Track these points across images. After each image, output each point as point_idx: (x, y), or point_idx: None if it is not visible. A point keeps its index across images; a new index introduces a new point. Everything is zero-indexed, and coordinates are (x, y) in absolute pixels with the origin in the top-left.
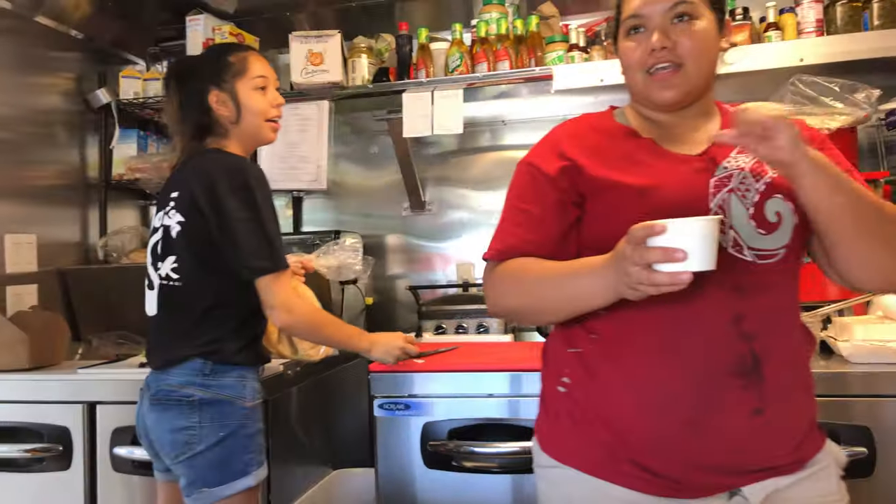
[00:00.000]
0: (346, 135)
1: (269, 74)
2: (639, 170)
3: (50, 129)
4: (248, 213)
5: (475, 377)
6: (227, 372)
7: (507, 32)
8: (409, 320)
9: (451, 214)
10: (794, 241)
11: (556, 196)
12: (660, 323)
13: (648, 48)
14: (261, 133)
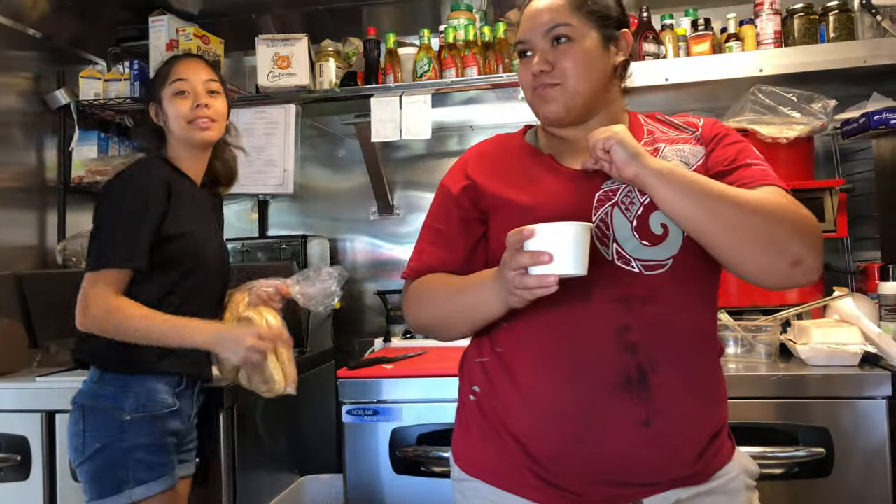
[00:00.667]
0: (313, 138)
1: (193, 77)
2: (531, 186)
3: (6, 129)
4: (98, 220)
5: (443, 382)
6: (110, 380)
7: (475, 38)
8: (377, 324)
9: (419, 218)
10: (685, 251)
11: (459, 214)
12: (547, 337)
13: (534, 70)
14: (188, 135)
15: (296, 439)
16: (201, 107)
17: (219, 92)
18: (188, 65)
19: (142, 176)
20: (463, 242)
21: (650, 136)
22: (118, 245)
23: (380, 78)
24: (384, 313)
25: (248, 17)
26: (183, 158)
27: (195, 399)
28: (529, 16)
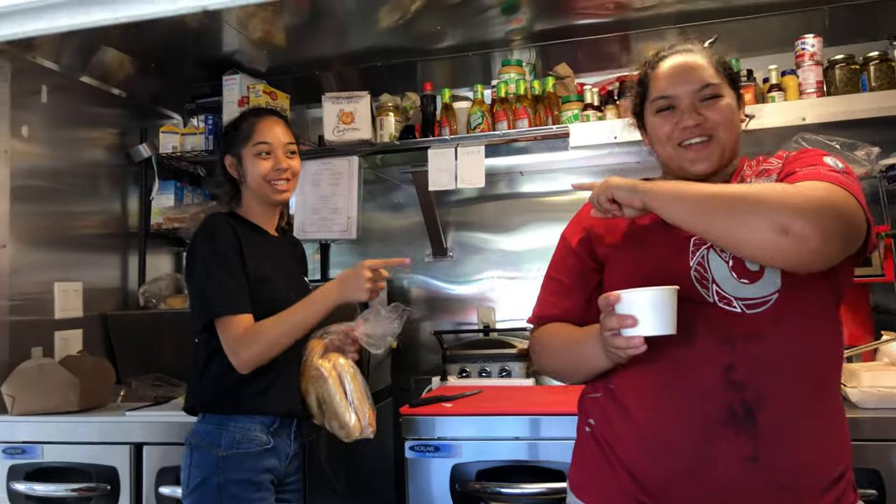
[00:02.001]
0: (372, 183)
1: (274, 140)
2: (638, 239)
3: (95, 181)
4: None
5: (500, 421)
6: (210, 420)
7: (525, 92)
8: (432, 363)
9: (472, 259)
10: (786, 287)
11: (578, 265)
12: (656, 376)
13: (681, 125)
14: (265, 194)
15: (357, 474)
16: (281, 170)
17: (295, 152)
18: (270, 126)
19: (213, 230)
20: (581, 292)
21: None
22: (228, 295)
23: (436, 130)
24: (440, 352)
25: (312, 73)
26: (256, 211)
27: (293, 437)
28: (675, 73)
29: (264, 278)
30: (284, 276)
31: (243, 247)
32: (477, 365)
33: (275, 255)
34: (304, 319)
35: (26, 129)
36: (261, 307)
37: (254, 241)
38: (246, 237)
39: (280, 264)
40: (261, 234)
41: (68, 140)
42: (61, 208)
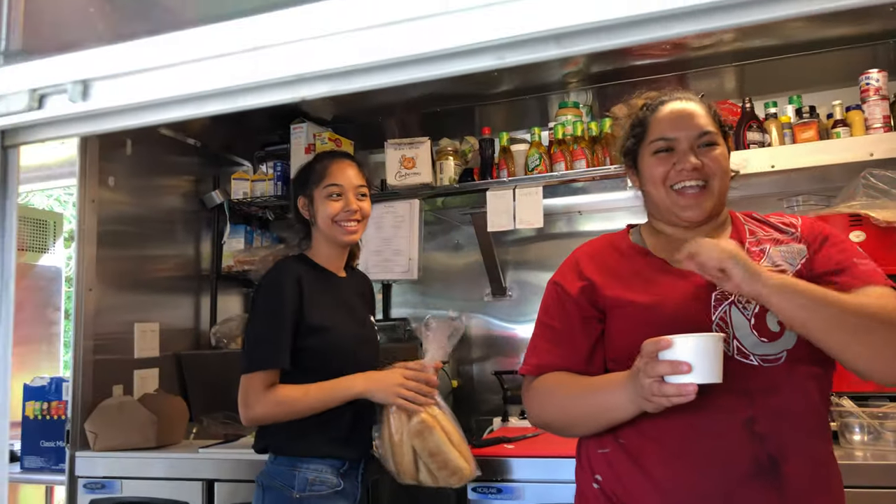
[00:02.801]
0: (433, 224)
1: (346, 182)
2: (647, 287)
3: (171, 226)
4: (247, 323)
5: (562, 463)
6: (282, 461)
7: (582, 133)
8: (493, 403)
9: (530, 301)
10: (799, 345)
11: (579, 314)
12: (675, 429)
13: (678, 166)
14: (334, 235)
15: None
16: (351, 212)
17: (366, 195)
18: (342, 168)
19: (276, 279)
20: (584, 341)
21: (753, 237)
22: (261, 348)
23: (494, 173)
24: (500, 392)
25: (374, 120)
26: (324, 253)
27: (360, 479)
28: (677, 116)
29: (322, 327)
30: (348, 320)
31: (304, 295)
32: None
33: (340, 297)
34: (324, 400)
35: (112, 180)
36: (313, 356)
37: (319, 286)
38: (311, 283)
39: (344, 307)
40: (327, 278)
41: (149, 188)
42: (141, 252)
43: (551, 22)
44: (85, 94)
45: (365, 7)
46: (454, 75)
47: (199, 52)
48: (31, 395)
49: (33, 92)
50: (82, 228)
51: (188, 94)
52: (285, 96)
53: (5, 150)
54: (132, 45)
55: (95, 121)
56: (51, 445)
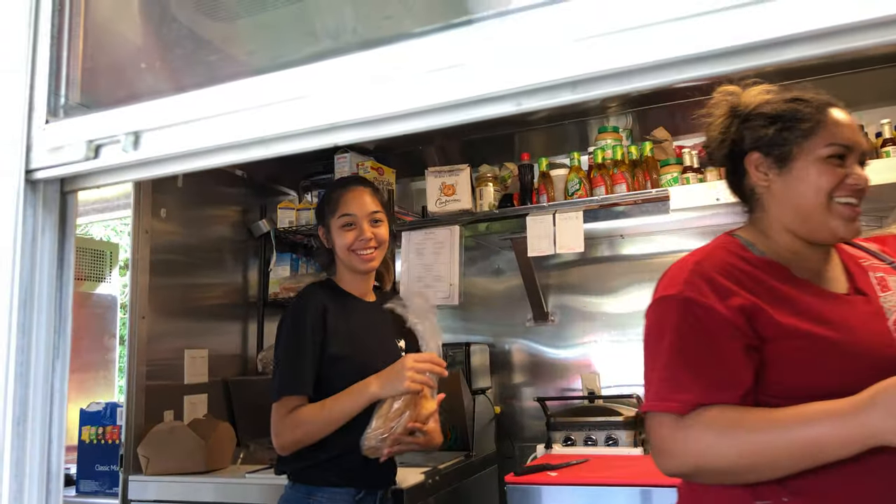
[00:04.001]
0: (473, 250)
1: (359, 211)
2: (820, 316)
3: (220, 255)
4: (275, 348)
5: (609, 491)
6: (299, 488)
7: (622, 157)
8: (536, 430)
9: (574, 323)
10: None
11: (740, 340)
12: (877, 480)
13: (852, 181)
14: (351, 264)
15: None
16: (364, 240)
17: (382, 220)
18: (355, 196)
19: (300, 306)
20: (747, 374)
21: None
22: (286, 375)
23: (534, 198)
24: (544, 419)
25: (415, 148)
26: (348, 279)
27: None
28: (849, 125)
29: (344, 356)
30: (373, 346)
31: (328, 323)
32: (583, 433)
33: (365, 323)
34: (342, 409)
35: (164, 211)
36: (337, 384)
37: (344, 312)
38: (336, 309)
39: (371, 335)
40: (352, 304)
41: (199, 219)
42: (191, 280)
43: (567, 71)
44: (136, 144)
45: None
46: (473, 121)
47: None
48: (87, 419)
49: (90, 143)
50: (136, 258)
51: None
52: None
53: (65, 195)
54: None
55: (146, 168)
56: (105, 469)
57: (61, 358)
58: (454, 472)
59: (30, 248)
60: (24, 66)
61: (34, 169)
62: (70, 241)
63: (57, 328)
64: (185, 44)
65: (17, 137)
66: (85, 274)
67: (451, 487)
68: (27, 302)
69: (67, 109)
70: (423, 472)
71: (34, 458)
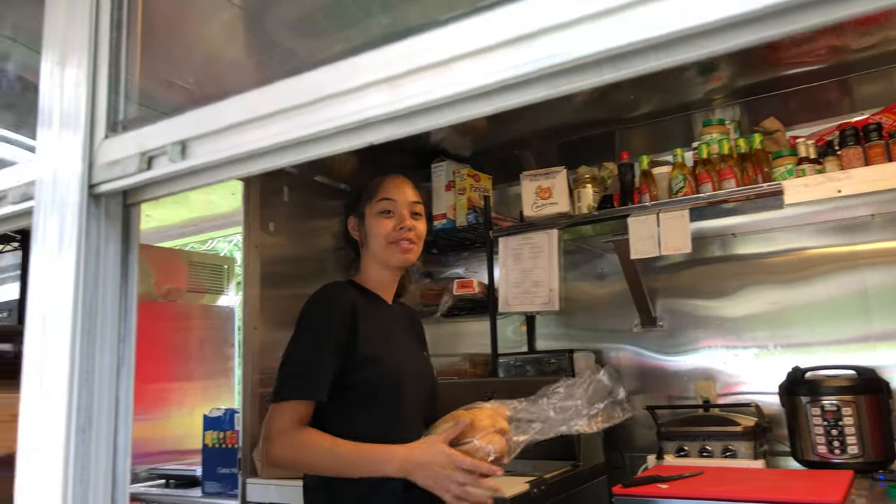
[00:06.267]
0: (574, 253)
1: (400, 198)
2: None
3: (323, 265)
4: (288, 344)
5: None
6: None
7: (730, 151)
8: (646, 439)
9: (685, 328)
10: None
11: None
12: None
13: None
14: (386, 256)
15: None
16: (405, 229)
17: (421, 214)
18: (397, 184)
19: (325, 301)
20: None
21: None
22: (299, 376)
23: (635, 198)
24: (654, 428)
25: (512, 153)
26: (375, 278)
27: None
28: None
29: (374, 357)
30: (401, 350)
31: (357, 322)
32: (697, 443)
33: (392, 328)
34: (351, 468)
35: (272, 225)
36: (361, 389)
37: (371, 313)
38: (364, 309)
39: (397, 338)
40: (378, 304)
41: (303, 231)
42: (299, 291)
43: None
44: (183, 153)
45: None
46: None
47: (269, 108)
48: (209, 425)
49: (142, 155)
50: (248, 271)
51: (266, 147)
52: (353, 143)
53: (127, 208)
54: (218, 106)
55: (195, 177)
56: (227, 472)
57: (126, 366)
58: (560, 482)
59: (94, 260)
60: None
61: (96, 183)
62: (133, 252)
63: (122, 336)
64: (231, 52)
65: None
66: (206, 287)
67: (558, 498)
68: (92, 311)
69: (125, 124)
70: (527, 481)
71: (99, 465)
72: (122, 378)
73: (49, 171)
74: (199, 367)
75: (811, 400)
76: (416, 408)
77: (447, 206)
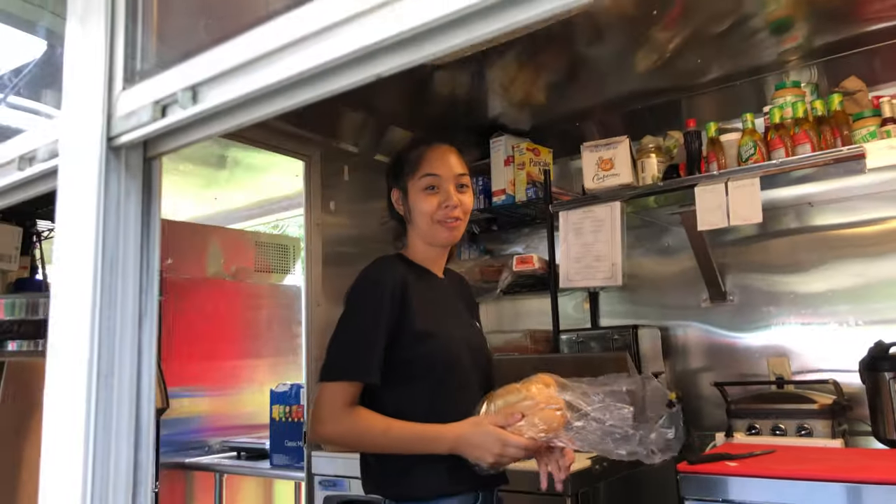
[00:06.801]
0: (639, 227)
1: (445, 172)
2: None
3: (382, 245)
4: (339, 322)
5: (801, 486)
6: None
7: (805, 114)
8: (716, 417)
9: (757, 303)
10: None
11: None
12: None
13: None
14: (431, 234)
15: None
16: (450, 207)
17: (468, 185)
18: (441, 155)
19: (378, 278)
20: None
21: None
22: (349, 357)
23: (703, 167)
24: (724, 406)
25: (573, 125)
26: (423, 253)
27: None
28: None
29: (428, 333)
30: (455, 324)
31: (409, 299)
32: (769, 421)
33: (444, 301)
34: (404, 447)
35: (333, 204)
36: (417, 365)
37: (422, 287)
38: (414, 284)
39: (450, 312)
40: (429, 279)
41: (364, 210)
42: (360, 268)
43: None
44: (194, 98)
45: None
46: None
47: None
48: (277, 399)
49: (156, 104)
50: (310, 249)
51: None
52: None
53: (148, 161)
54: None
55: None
56: (293, 445)
57: (149, 316)
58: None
59: (115, 212)
60: (103, 38)
61: (115, 135)
62: (155, 206)
63: (144, 288)
64: None
65: (99, 106)
66: (272, 267)
67: (620, 475)
68: (113, 263)
69: (142, 74)
70: (589, 457)
71: (122, 411)
72: (144, 328)
73: (71, 126)
74: (268, 344)
75: (895, 376)
76: (473, 382)
77: (506, 182)
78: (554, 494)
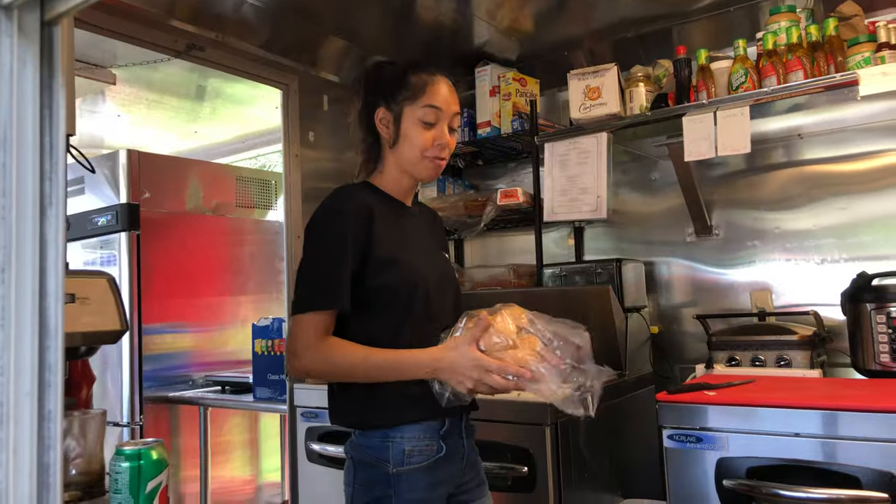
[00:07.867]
0: (626, 163)
1: (446, 107)
2: None
3: None
4: (302, 258)
5: (778, 413)
6: (372, 434)
7: (798, 40)
8: (697, 350)
9: (742, 238)
10: None
11: None
12: None
13: None
14: (415, 167)
15: (618, 461)
16: (442, 146)
17: (457, 127)
18: (447, 90)
19: (341, 207)
20: None
21: None
22: (318, 286)
23: (692, 96)
24: (705, 339)
25: (561, 54)
26: (395, 179)
27: (465, 435)
28: None
29: (394, 260)
30: (423, 253)
31: (375, 226)
32: (749, 353)
33: (412, 231)
34: (383, 375)
35: (312, 135)
36: (382, 293)
37: (389, 216)
38: (381, 212)
39: (417, 241)
40: (398, 208)
41: (345, 144)
42: None
43: None
44: None
45: None
46: None
47: None
48: (259, 333)
49: None
50: (289, 182)
51: None
52: None
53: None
54: None
55: None
56: (276, 378)
57: (54, 206)
58: (605, 390)
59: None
60: None
61: None
62: (57, 79)
63: (47, 173)
64: None
65: None
66: (255, 202)
67: (603, 405)
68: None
69: None
70: (570, 387)
71: (24, 307)
72: (48, 218)
73: None
74: (251, 280)
75: (876, 307)
76: (443, 312)
77: (491, 114)
78: (533, 424)
